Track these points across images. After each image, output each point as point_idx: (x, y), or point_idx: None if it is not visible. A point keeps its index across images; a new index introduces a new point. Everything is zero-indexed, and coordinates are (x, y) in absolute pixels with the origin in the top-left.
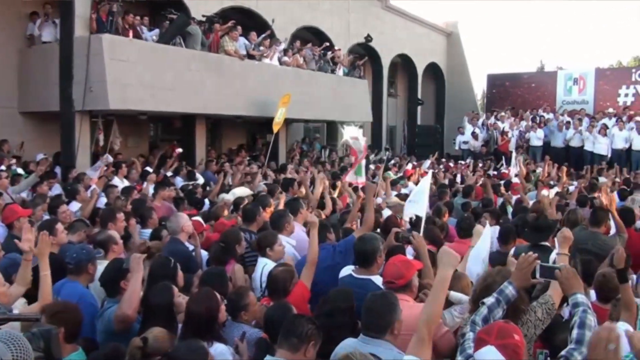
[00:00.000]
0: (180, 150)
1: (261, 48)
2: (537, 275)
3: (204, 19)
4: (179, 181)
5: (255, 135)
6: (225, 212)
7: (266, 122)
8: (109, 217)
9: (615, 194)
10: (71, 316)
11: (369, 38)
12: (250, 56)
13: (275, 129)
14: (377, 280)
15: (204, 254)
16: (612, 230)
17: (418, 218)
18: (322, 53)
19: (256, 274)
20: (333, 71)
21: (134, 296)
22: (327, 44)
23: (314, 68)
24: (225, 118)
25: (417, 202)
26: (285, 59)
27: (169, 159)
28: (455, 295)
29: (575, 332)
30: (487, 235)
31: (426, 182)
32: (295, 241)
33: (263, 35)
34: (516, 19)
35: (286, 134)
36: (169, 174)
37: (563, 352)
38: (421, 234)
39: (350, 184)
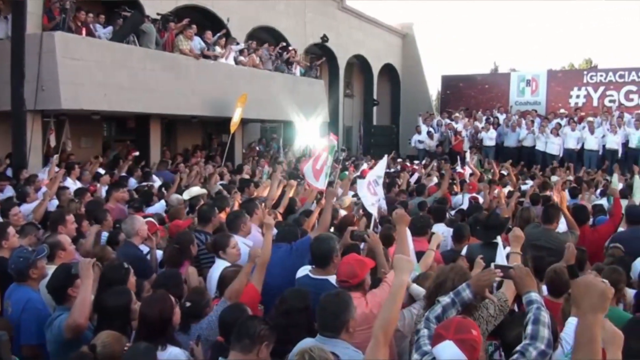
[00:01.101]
0: (137, 153)
1: (217, 47)
2: None
3: (158, 17)
4: (133, 182)
5: (211, 135)
6: None
7: (222, 122)
8: (59, 219)
9: (566, 192)
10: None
11: (325, 38)
12: (205, 55)
13: (232, 129)
14: (334, 280)
15: (159, 253)
16: (562, 227)
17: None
18: (279, 53)
19: (212, 275)
20: (290, 71)
21: (85, 303)
22: (284, 44)
23: (270, 68)
24: (180, 118)
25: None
26: (242, 58)
27: (123, 160)
28: (415, 288)
29: (529, 328)
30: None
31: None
32: (252, 242)
33: (218, 35)
34: (471, 21)
35: (242, 134)
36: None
37: (518, 348)
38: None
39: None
